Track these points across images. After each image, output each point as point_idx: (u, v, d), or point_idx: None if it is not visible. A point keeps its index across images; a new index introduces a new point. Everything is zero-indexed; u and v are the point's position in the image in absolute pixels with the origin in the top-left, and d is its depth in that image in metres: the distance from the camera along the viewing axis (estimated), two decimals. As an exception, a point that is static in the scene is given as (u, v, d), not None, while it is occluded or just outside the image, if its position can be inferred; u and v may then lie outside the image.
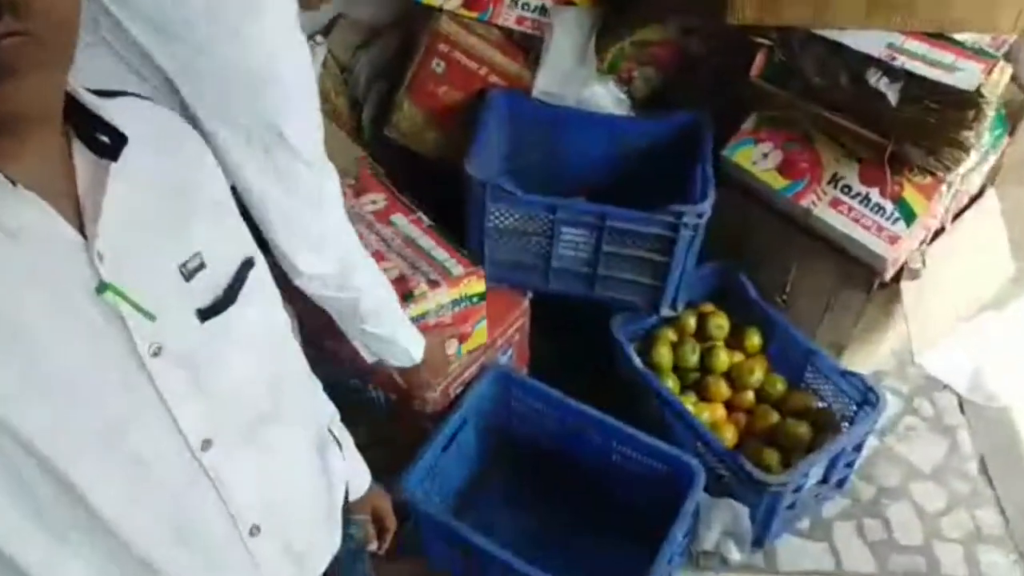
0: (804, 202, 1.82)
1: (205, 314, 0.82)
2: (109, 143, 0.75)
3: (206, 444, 0.82)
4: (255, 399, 0.89)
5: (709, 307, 2.06)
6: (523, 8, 2.05)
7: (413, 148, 2.17)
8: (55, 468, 0.72)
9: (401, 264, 1.73)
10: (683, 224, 1.78)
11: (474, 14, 2.04)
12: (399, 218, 1.84)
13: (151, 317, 0.75)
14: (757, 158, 1.87)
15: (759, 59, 1.80)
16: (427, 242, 1.80)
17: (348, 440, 1.15)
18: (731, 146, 1.91)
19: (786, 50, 1.76)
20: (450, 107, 2.10)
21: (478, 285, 1.76)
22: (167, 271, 0.79)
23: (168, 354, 0.78)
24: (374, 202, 1.87)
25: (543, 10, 2.06)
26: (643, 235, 1.84)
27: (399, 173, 2.17)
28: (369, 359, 1.53)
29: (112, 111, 0.77)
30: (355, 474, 1.16)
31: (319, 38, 2.15)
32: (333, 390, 1.13)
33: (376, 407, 1.87)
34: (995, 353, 2.07)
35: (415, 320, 1.57)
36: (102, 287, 0.72)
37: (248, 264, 0.88)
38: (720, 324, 2.02)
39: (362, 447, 1.18)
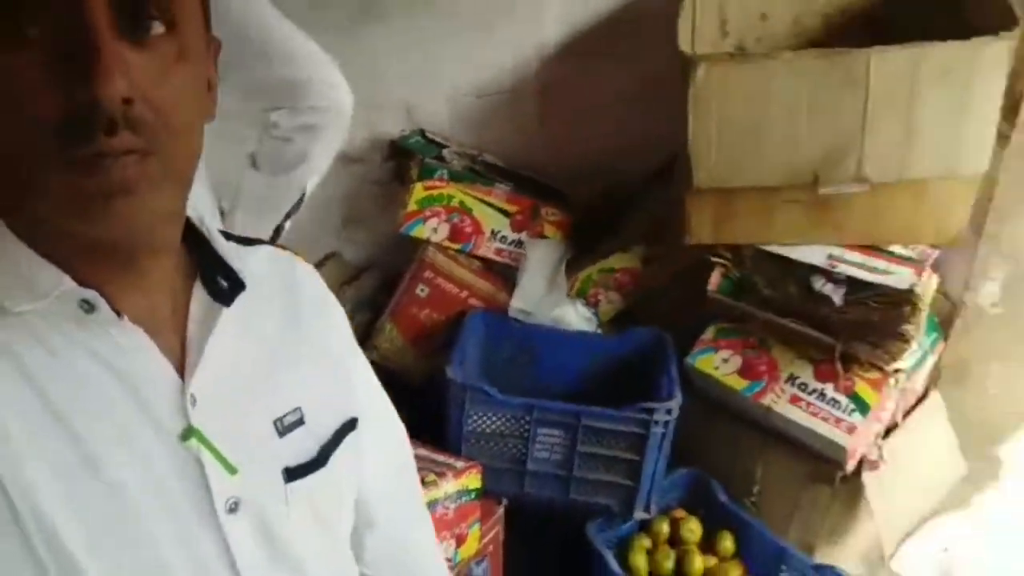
0: (764, 400, 1.94)
1: (293, 474, 0.75)
2: (226, 287, 0.73)
3: None
4: None
5: (681, 513, 2.09)
6: (501, 241, 2.29)
7: (392, 368, 2.28)
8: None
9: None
10: (654, 421, 1.89)
11: (457, 245, 2.26)
12: None
13: (232, 470, 0.70)
14: (718, 363, 2.02)
15: (715, 276, 2.01)
16: (423, 452, 1.85)
17: None
18: (693, 354, 2.06)
19: (739, 265, 1.97)
20: (431, 327, 2.25)
21: (476, 480, 1.81)
22: (260, 424, 0.75)
23: (245, 512, 0.71)
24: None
25: (519, 243, 2.29)
26: (616, 434, 1.94)
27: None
28: None
29: (240, 257, 0.75)
30: None
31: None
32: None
33: None
34: (963, 553, 2.10)
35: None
36: (188, 433, 0.68)
37: (350, 426, 0.82)
38: (693, 529, 2.05)
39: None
